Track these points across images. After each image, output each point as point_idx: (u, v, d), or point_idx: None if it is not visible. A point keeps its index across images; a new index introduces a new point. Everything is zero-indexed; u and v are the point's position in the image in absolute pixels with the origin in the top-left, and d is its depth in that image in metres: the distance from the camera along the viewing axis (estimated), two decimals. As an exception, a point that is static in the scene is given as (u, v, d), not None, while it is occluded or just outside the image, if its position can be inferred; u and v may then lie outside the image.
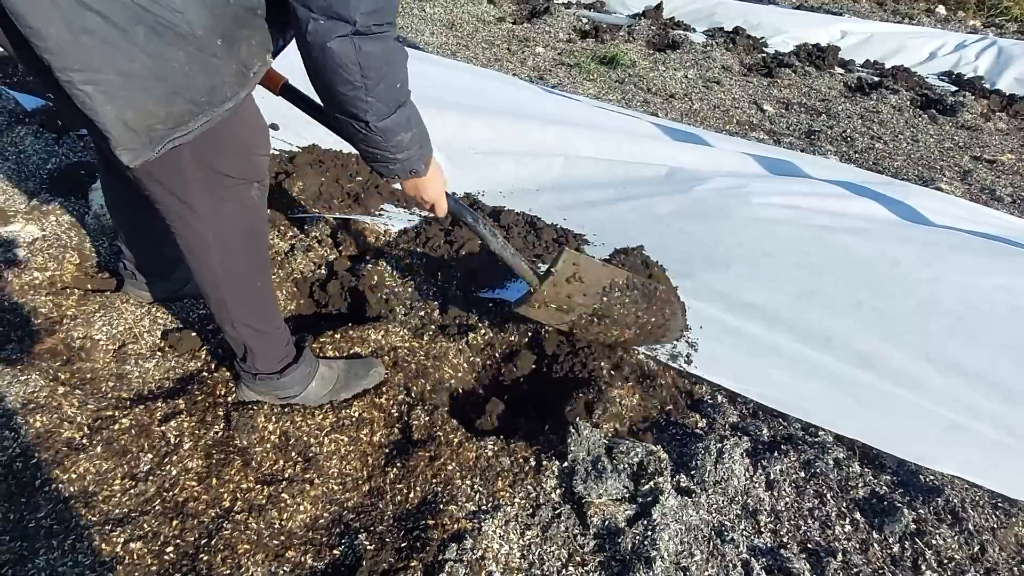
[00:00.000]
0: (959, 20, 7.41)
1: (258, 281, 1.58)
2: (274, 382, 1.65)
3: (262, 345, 1.62)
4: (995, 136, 4.18)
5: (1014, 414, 1.85)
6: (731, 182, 2.64)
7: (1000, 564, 1.53)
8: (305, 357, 1.70)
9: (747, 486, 1.62)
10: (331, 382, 1.74)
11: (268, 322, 1.63)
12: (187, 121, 1.21)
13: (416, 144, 1.41)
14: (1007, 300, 2.04)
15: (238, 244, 1.49)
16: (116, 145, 1.17)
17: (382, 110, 1.28)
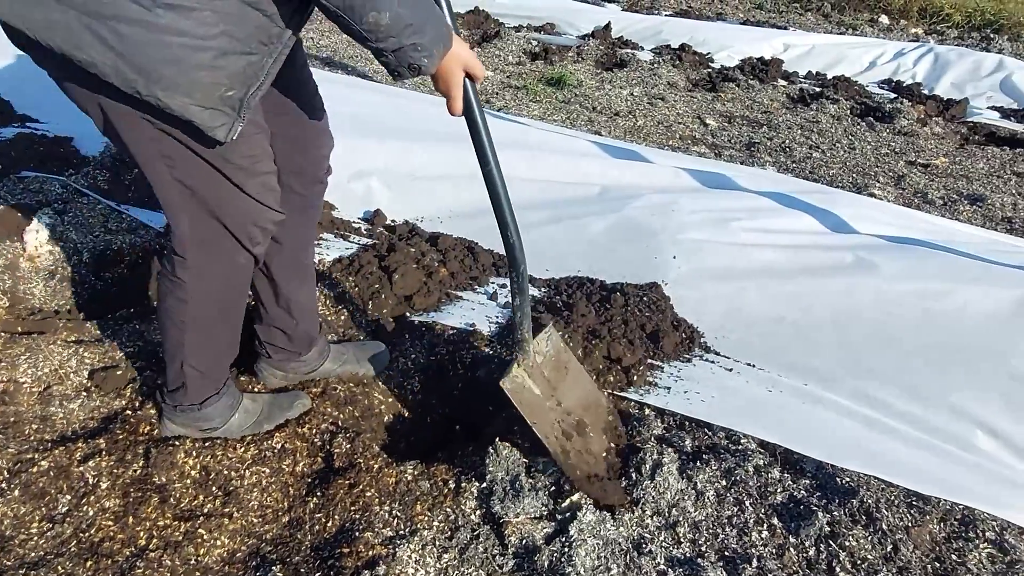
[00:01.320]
0: (901, 28, 7.62)
1: (224, 336, 1.59)
2: (194, 414, 1.64)
3: (199, 385, 1.62)
4: (931, 140, 4.30)
5: (927, 414, 1.90)
6: (661, 199, 2.69)
7: (913, 562, 1.56)
8: (227, 389, 1.69)
9: (669, 497, 1.65)
10: (254, 415, 1.73)
11: (217, 368, 1.63)
12: (255, 72, 1.20)
13: (408, 31, 1.18)
14: (919, 304, 2.10)
15: (215, 300, 1.50)
16: (206, 128, 1.19)
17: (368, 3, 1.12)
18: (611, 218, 2.63)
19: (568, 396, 1.72)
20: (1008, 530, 1.62)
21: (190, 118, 1.17)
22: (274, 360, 1.83)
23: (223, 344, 1.61)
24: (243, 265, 1.49)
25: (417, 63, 1.23)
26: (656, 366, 2.10)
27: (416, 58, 1.22)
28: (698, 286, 2.35)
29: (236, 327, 1.62)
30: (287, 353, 1.84)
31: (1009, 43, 7.17)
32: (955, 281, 2.16)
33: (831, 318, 2.18)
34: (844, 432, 1.87)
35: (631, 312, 2.25)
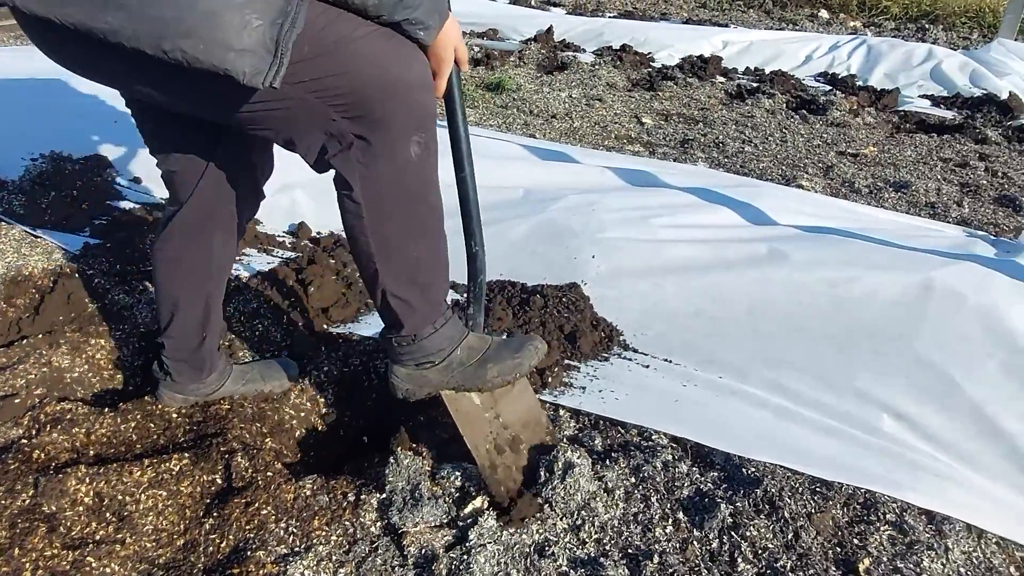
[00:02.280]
0: (840, 22, 7.76)
1: (414, 251, 1.42)
2: (411, 346, 1.52)
3: (410, 312, 1.48)
4: (862, 131, 4.38)
5: (835, 400, 1.92)
6: (583, 199, 2.70)
7: (814, 548, 1.57)
8: (449, 320, 1.55)
9: (574, 497, 1.64)
10: (480, 350, 1.58)
11: (424, 296, 1.48)
12: (282, 7, 1.08)
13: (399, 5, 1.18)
14: (828, 292, 2.12)
15: (390, 210, 1.34)
16: (240, 73, 1.06)
17: None
18: (533, 220, 2.62)
19: (509, 411, 1.68)
20: (908, 511, 1.64)
21: (223, 66, 1.05)
22: (173, 382, 1.79)
23: (427, 260, 1.47)
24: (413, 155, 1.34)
25: (413, 35, 1.22)
26: (573, 366, 2.10)
27: (412, 30, 1.21)
28: (617, 284, 2.35)
29: (431, 236, 1.47)
30: (190, 375, 1.80)
31: (944, 33, 7.35)
32: (863, 268, 2.19)
33: (746, 310, 2.20)
34: (754, 423, 1.89)
35: (549, 313, 2.25)
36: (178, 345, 1.74)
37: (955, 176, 3.73)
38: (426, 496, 1.57)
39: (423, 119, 1.30)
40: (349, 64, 1.21)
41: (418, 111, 1.29)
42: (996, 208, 3.38)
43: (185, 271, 1.66)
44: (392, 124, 1.26)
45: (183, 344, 1.74)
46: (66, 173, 3.12)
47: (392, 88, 1.24)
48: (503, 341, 1.63)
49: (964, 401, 1.84)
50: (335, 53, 1.20)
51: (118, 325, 2.17)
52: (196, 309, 1.71)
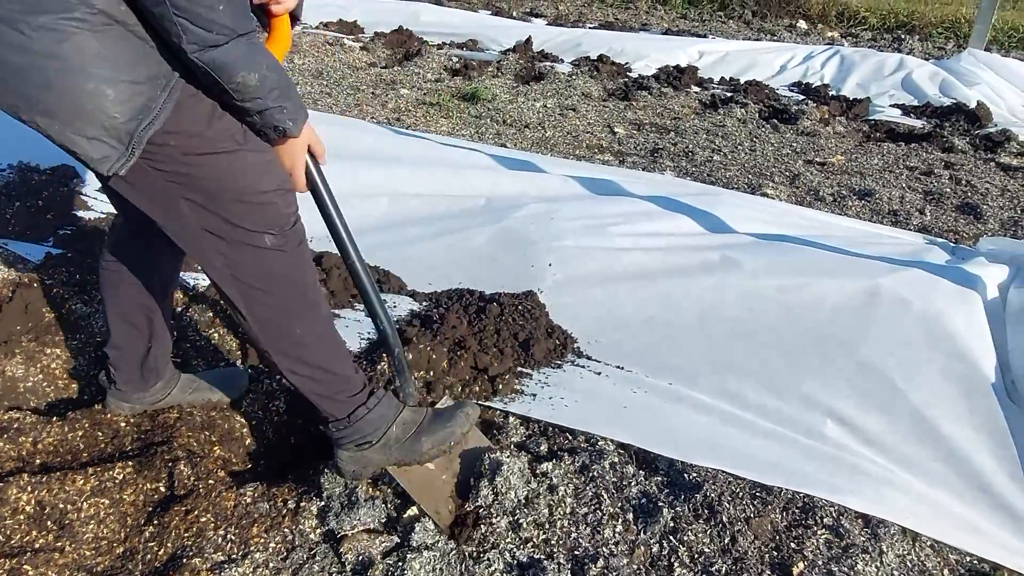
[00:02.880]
0: (818, 32, 7.85)
1: (295, 331, 1.47)
2: (347, 429, 1.57)
3: (321, 391, 1.53)
4: (832, 139, 4.43)
5: (780, 404, 1.95)
6: (543, 208, 2.72)
7: (751, 552, 1.59)
8: (381, 399, 1.60)
9: (513, 503, 1.65)
10: (414, 424, 1.63)
11: (324, 370, 1.53)
12: (145, 105, 1.15)
13: (274, 93, 1.23)
14: (778, 298, 2.15)
15: (255, 294, 1.40)
16: (88, 158, 1.15)
17: (202, 36, 1.10)
18: (492, 229, 2.65)
19: (463, 462, 1.72)
20: (845, 515, 1.66)
21: (72, 148, 1.14)
22: (119, 391, 1.80)
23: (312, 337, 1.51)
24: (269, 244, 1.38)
25: (282, 125, 1.28)
26: (525, 374, 2.12)
27: (281, 120, 1.27)
28: (573, 292, 2.38)
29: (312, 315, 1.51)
30: (136, 384, 1.81)
31: (920, 43, 7.43)
32: (813, 274, 2.22)
33: (698, 316, 2.22)
34: (699, 429, 1.90)
35: (504, 321, 2.26)
36: (123, 355, 1.75)
37: (920, 184, 3.77)
38: (363, 499, 1.58)
39: (275, 220, 1.36)
40: (207, 167, 1.27)
41: (270, 214, 1.34)
42: (958, 216, 3.42)
43: (129, 284, 1.68)
44: (243, 223, 1.33)
45: (128, 354, 1.75)
46: (32, 184, 3.12)
47: (244, 197, 1.31)
48: (436, 412, 1.70)
49: (905, 405, 1.87)
50: (197, 154, 1.26)
51: (75, 335, 2.18)
52: (140, 321, 1.72)
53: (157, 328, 1.76)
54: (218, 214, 1.31)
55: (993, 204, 3.53)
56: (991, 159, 4.14)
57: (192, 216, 1.31)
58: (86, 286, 2.42)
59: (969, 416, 1.82)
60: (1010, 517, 1.66)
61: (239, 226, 1.33)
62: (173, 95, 1.19)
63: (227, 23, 1.12)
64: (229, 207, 1.31)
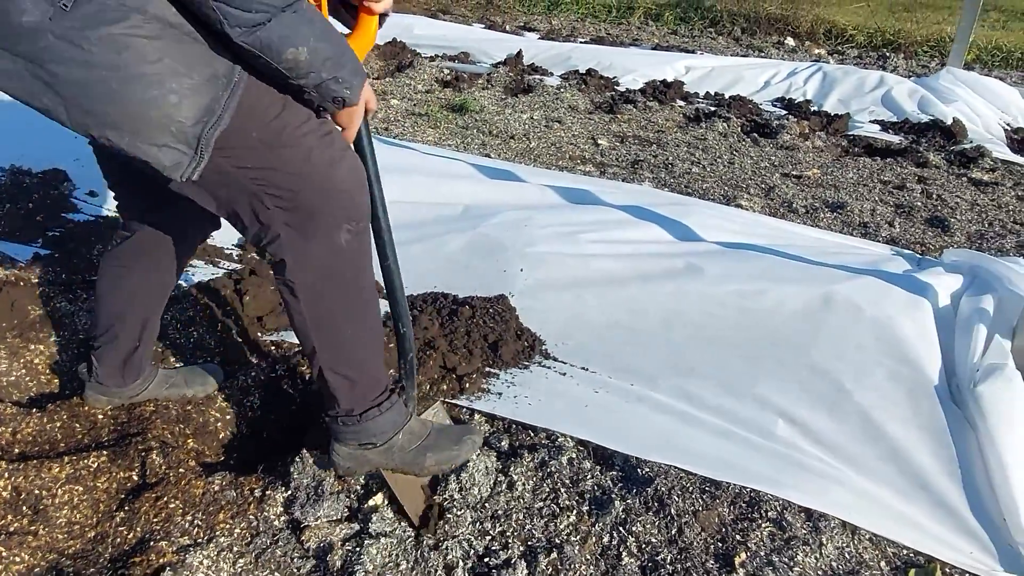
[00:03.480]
0: (806, 50, 7.98)
1: (348, 331, 1.49)
2: (355, 427, 1.59)
3: (351, 390, 1.55)
4: (810, 154, 4.52)
5: (736, 405, 2.02)
6: (518, 215, 2.81)
7: (696, 543, 1.66)
8: (394, 404, 1.63)
9: (472, 495, 1.72)
10: (421, 436, 1.68)
11: (361, 371, 1.55)
12: (209, 106, 1.15)
13: (328, 64, 1.20)
14: (737, 303, 2.23)
15: (321, 293, 1.42)
16: (161, 166, 1.15)
17: (244, 18, 1.08)
18: (468, 235, 2.73)
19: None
20: (789, 509, 1.73)
21: (145, 158, 1.14)
22: (97, 383, 1.87)
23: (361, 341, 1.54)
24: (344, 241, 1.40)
25: (341, 95, 1.25)
26: (492, 374, 2.20)
27: (338, 91, 1.24)
28: (543, 296, 2.46)
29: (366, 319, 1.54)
30: (116, 379, 1.87)
31: (904, 60, 7.57)
32: (772, 281, 2.30)
33: (661, 321, 2.30)
34: (656, 427, 1.98)
35: (475, 323, 2.34)
36: (110, 352, 1.81)
37: (892, 198, 3.87)
38: (328, 492, 1.66)
39: (353, 212, 1.38)
40: (289, 160, 1.28)
41: (348, 206, 1.36)
42: (926, 228, 3.51)
43: (128, 287, 1.74)
44: (322, 218, 1.34)
45: (116, 352, 1.81)
46: (24, 186, 3.21)
47: (325, 187, 1.32)
48: (443, 430, 1.75)
49: (853, 406, 1.95)
50: (278, 147, 1.27)
51: (58, 332, 2.25)
52: (135, 322, 1.78)
53: (148, 331, 1.82)
54: (299, 208, 1.31)
55: (961, 218, 3.62)
56: (964, 174, 4.24)
57: (272, 212, 1.31)
58: (71, 285, 2.50)
59: (913, 417, 1.90)
60: (947, 513, 1.74)
61: (318, 219, 1.33)
62: (236, 92, 1.19)
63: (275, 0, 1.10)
64: (310, 199, 1.31)
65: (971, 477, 1.79)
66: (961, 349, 2.07)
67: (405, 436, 1.64)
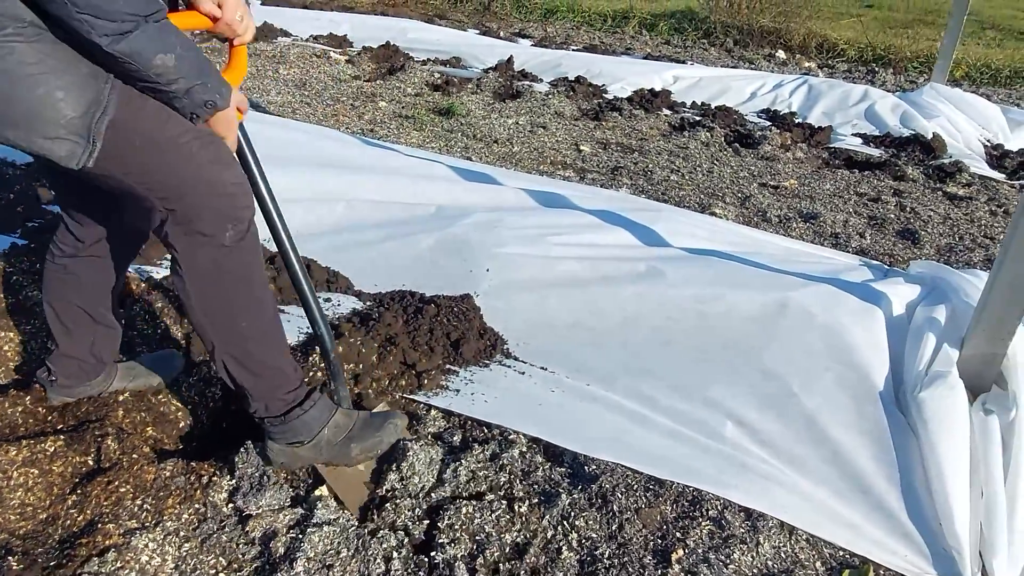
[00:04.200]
0: (796, 63, 8.05)
1: (242, 326, 1.55)
2: (281, 427, 1.66)
3: (261, 387, 1.62)
4: (790, 164, 4.58)
5: (687, 407, 2.06)
6: (489, 216, 2.85)
7: (635, 539, 1.70)
8: (317, 402, 1.70)
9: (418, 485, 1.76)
10: (346, 428, 1.75)
11: (263, 365, 1.61)
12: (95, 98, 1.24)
13: (194, 71, 1.28)
14: (695, 308, 2.28)
15: (212, 288, 1.48)
16: (57, 158, 1.24)
17: (109, 27, 1.15)
18: (439, 235, 2.77)
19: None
20: (729, 509, 1.77)
21: (42, 152, 1.24)
22: (59, 386, 1.87)
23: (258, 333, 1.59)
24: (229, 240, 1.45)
25: (211, 99, 1.32)
26: (452, 371, 2.23)
27: (208, 95, 1.31)
28: (507, 296, 2.50)
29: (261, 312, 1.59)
30: (77, 377, 1.88)
31: (893, 76, 7.64)
32: (730, 287, 2.35)
33: (620, 323, 2.34)
34: (608, 426, 2.02)
35: (439, 321, 2.38)
36: (65, 352, 1.83)
37: (866, 209, 3.92)
38: (271, 482, 1.69)
39: (235, 213, 1.44)
40: (172, 163, 1.35)
41: (230, 208, 1.42)
42: (897, 240, 3.56)
43: (72, 285, 1.77)
44: (206, 218, 1.40)
45: (72, 355, 1.83)
46: (6, 178, 3.26)
47: (208, 190, 1.39)
48: (368, 418, 1.81)
49: (800, 410, 1.99)
50: (161, 151, 1.34)
51: (29, 320, 2.29)
52: (84, 323, 1.80)
53: (100, 327, 1.83)
54: (184, 209, 1.38)
55: (933, 231, 3.67)
56: (939, 188, 4.29)
57: (160, 212, 1.39)
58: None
59: (857, 422, 1.94)
60: (884, 516, 1.77)
61: (202, 219, 1.40)
62: (116, 85, 1.27)
63: (130, 10, 1.16)
64: (193, 201, 1.38)
65: (910, 482, 1.83)
66: (910, 357, 2.11)
67: (331, 430, 1.72)
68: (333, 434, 1.72)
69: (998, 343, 2.01)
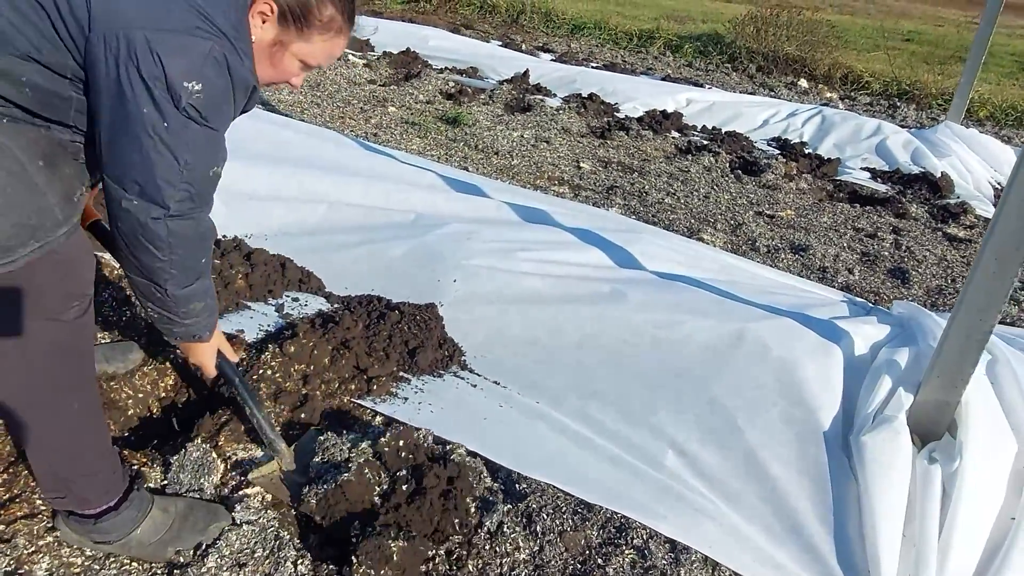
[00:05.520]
0: (817, 92, 7.98)
1: (74, 403, 1.43)
2: (89, 526, 1.52)
3: (72, 470, 1.46)
4: (791, 195, 4.53)
5: (631, 432, 2.05)
6: (464, 228, 2.86)
7: (554, 562, 1.69)
8: (132, 502, 1.56)
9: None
10: (162, 529, 1.59)
11: (83, 455, 1.47)
12: (13, 246, 1.19)
13: (206, 313, 1.50)
14: (652, 333, 2.26)
15: (42, 361, 1.35)
16: None
17: (182, 280, 1.38)
18: (413, 243, 2.79)
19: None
20: (654, 539, 1.75)
21: None
22: None
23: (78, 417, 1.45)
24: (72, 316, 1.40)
25: (200, 335, 1.54)
26: (405, 379, 2.24)
27: (200, 331, 1.53)
28: (470, 308, 2.50)
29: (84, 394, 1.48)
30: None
31: (915, 111, 7.53)
32: (690, 313, 2.33)
33: (576, 343, 2.34)
34: (548, 446, 2.01)
35: (399, 328, 2.39)
36: None
37: (860, 245, 3.86)
38: (199, 479, 1.71)
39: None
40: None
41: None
42: (886, 278, 3.51)
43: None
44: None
45: None
46: None
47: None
48: (187, 515, 1.63)
49: (742, 444, 1.96)
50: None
51: None
52: None
53: None
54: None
55: (925, 272, 3.61)
56: (940, 228, 4.22)
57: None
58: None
59: (797, 460, 1.91)
60: (813, 558, 1.74)
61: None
62: (42, 249, 1.23)
63: (202, 269, 1.42)
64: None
65: (844, 525, 1.79)
66: (863, 398, 2.07)
67: (144, 531, 1.57)
68: (147, 535, 1.57)
69: (951, 391, 1.97)
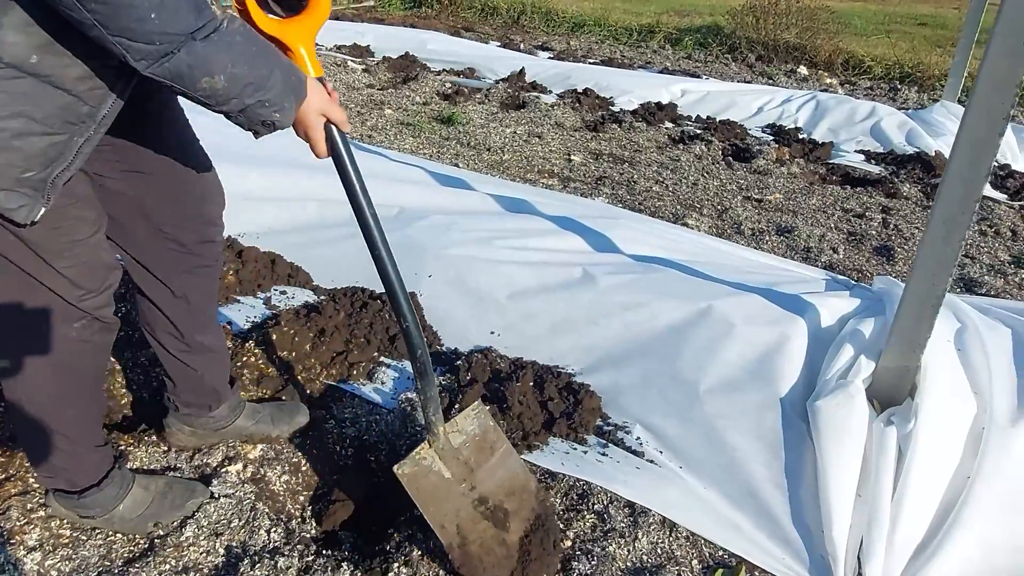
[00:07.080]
0: (817, 79, 7.97)
1: (71, 411, 1.47)
2: (74, 501, 1.58)
3: (61, 460, 1.52)
4: (782, 179, 4.57)
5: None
6: (444, 219, 2.95)
7: (519, 527, 1.76)
8: (113, 478, 1.61)
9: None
10: (143, 505, 1.65)
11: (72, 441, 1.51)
12: (60, 153, 1.14)
13: (248, 89, 1.13)
14: (621, 314, 2.33)
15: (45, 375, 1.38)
16: (5, 209, 1.12)
17: (148, 50, 1.02)
18: (395, 235, 2.88)
19: (488, 480, 1.65)
20: (614, 503, 1.82)
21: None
22: (181, 414, 1.83)
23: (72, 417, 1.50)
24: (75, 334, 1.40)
25: (269, 119, 1.20)
26: (384, 363, 2.34)
27: (266, 115, 1.18)
28: (447, 296, 2.59)
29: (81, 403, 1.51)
30: (195, 407, 1.82)
31: (917, 94, 7.49)
32: (658, 294, 2.39)
33: (549, 327, 2.41)
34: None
35: (380, 317, 2.49)
36: (175, 380, 1.78)
37: (847, 225, 3.89)
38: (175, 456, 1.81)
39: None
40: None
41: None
42: (871, 256, 3.54)
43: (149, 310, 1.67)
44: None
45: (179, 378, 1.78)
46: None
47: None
48: (166, 492, 1.67)
49: (701, 415, 2.03)
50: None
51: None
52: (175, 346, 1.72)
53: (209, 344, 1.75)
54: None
55: (911, 249, 3.63)
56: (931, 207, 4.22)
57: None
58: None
59: (754, 428, 1.97)
60: (768, 520, 1.81)
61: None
62: (93, 140, 1.18)
63: (168, 29, 1.02)
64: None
65: (798, 488, 1.85)
66: (826, 367, 2.13)
67: (127, 507, 1.62)
68: (129, 510, 1.63)
69: (910, 355, 2.02)
